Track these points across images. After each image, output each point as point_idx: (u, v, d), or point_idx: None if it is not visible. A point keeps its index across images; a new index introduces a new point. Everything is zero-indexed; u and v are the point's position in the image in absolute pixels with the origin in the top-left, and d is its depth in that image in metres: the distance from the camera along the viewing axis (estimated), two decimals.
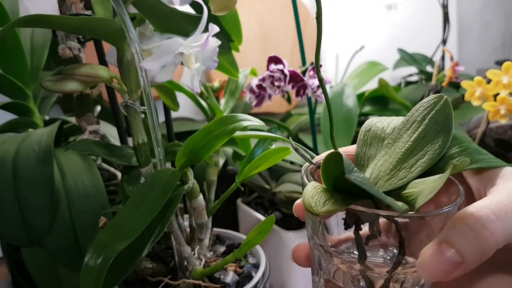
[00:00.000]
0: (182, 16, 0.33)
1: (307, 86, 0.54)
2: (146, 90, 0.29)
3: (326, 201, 0.19)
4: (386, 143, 0.25)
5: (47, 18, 0.25)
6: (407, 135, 0.24)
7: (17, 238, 0.38)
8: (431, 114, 0.24)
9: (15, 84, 0.47)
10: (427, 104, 0.24)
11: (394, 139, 0.24)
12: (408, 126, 0.24)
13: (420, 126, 0.24)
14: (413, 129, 0.24)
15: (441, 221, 0.20)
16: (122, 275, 0.28)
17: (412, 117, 0.24)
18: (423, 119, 0.24)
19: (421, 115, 0.24)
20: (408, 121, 0.24)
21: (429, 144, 0.23)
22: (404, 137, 0.24)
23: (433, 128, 0.23)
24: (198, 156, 0.31)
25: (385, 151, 0.24)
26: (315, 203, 0.19)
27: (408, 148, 0.23)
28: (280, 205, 0.54)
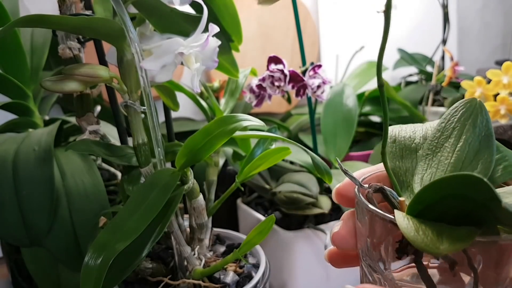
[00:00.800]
0: (182, 16, 0.33)
1: (307, 86, 0.54)
2: (146, 90, 0.29)
3: (439, 236, 0.17)
4: (422, 154, 0.23)
5: (47, 18, 0.25)
6: (451, 144, 0.22)
7: (17, 238, 0.38)
8: (470, 119, 0.22)
9: (15, 84, 0.47)
10: (462, 109, 0.23)
11: (433, 149, 0.23)
12: (448, 133, 0.23)
13: (462, 134, 0.22)
14: (455, 136, 0.22)
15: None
16: (122, 275, 0.28)
17: (449, 123, 0.23)
18: (463, 125, 0.22)
19: (459, 121, 0.23)
20: (446, 128, 0.23)
21: (477, 152, 0.22)
22: (448, 146, 0.22)
23: (476, 134, 0.22)
24: (198, 156, 0.31)
25: (426, 163, 0.22)
26: (429, 240, 0.16)
27: (457, 158, 0.22)
28: (280, 205, 0.54)
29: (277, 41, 0.93)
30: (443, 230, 0.17)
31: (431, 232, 0.17)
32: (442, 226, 0.18)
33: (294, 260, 0.52)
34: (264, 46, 0.91)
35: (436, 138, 0.23)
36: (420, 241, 0.16)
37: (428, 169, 0.22)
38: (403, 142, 0.24)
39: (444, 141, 0.23)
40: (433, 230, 0.17)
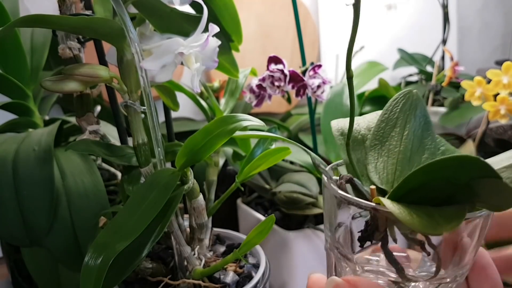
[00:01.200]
0: (182, 16, 0.33)
1: (307, 86, 0.54)
2: (146, 90, 0.29)
3: (431, 217, 0.18)
4: (370, 145, 0.24)
5: (47, 18, 0.25)
6: (397, 133, 0.24)
7: (17, 238, 0.38)
8: (411, 110, 0.24)
9: (15, 84, 0.47)
10: (403, 100, 0.24)
11: (380, 139, 0.24)
12: (393, 123, 0.24)
13: (406, 123, 0.24)
14: (400, 126, 0.24)
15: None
16: (122, 275, 0.28)
17: (392, 114, 0.24)
18: (405, 115, 0.24)
19: (402, 111, 0.24)
20: (390, 118, 0.24)
21: (421, 139, 0.23)
22: (394, 136, 0.24)
23: (418, 123, 0.24)
24: (198, 156, 0.31)
25: (375, 152, 0.24)
26: (426, 222, 0.17)
27: (405, 146, 0.23)
28: (280, 205, 0.54)
29: (277, 41, 0.93)
30: (431, 211, 0.18)
31: (423, 215, 0.18)
32: (427, 208, 0.18)
33: (294, 260, 0.52)
34: (264, 46, 0.91)
35: (382, 128, 0.24)
36: (417, 224, 0.17)
37: (380, 158, 0.23)
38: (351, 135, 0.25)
39: (390, 131, 0.24)
40: (423, 213, 0.18)
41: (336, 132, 0.25)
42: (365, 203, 0.20)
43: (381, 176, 0.23)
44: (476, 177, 0.17)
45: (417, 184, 0.19)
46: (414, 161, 0.23)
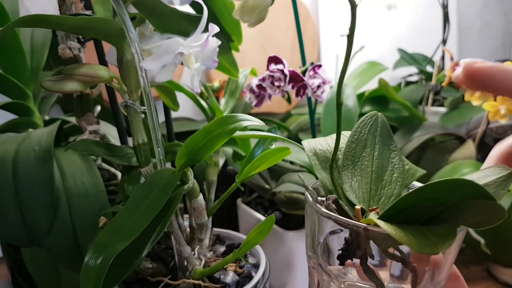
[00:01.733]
0: (182, 16, 0.33)
1: (307, 86, 0.54)
2: (146, 90, 0.29)
3: (425, 237, 0.18)
4: (343, 164, 0.25)
5: (47, 18, 0.25)
6: (368, 153, 0.25)
7: (17, 238, 0.38)
8: (378, 131, 0.25)
9: (15, 84, 0.47)
10: (369, 122, 0.26)
11: (352, 159, 0.25)
12: (363, 144, 0.25)
13: (375, 144, 0.25)
14: (370, 146, 0.25)
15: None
16: (122, 275, 0.28)
17: (361, 135, 0.25)
18: (373, 136, 0.25)
19: (369, 133, 0.25)
20: (359, 139, 0.25)
21: (389, 158, 0.25)
22: (366, 156, 0.25)
23: (384, 144, 0.25)
24: (198, 156, 0.31)
25: (349, 172, 0.25)
26: (424, 242, 0.18)
27: (377, 166, 0.24)
28: (280, 205, 0.54)
29: (277, 41, 0.93)
30: (424, 231, 0.19)
31: (418, 235, 0.18)
32: (418, 228, 0.19)
33: (294, 260, 0.52)
34: (264, 46, 0.91)
35: (352, 149, 0.25)
36: (415, 244, 0.18)
37: (354, 177, 0.24)
38: (323, 155, 0.26)
39: (360, 151, 0.25)
40: (417, 233, 0.18)
41: (309, 152, 0.26)
42: (356, 224, 0.21)
43: (358, 195, 0.24)
44: (465, 198, 0.18)
45: (407, 205, 0.20)
46: (386, 180, 0.24)
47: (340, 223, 0.22)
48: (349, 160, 0.25)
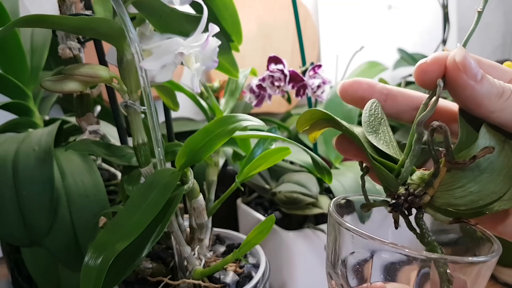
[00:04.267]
0: (182, 16, 0.33)
1: (307, 86, 0.54)
2: (146, 90, 0.29)
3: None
4: (367, 131, 0.25)
5: (47, 18, 0.25)
6: (385, 131, 0.25)
7: (17, 238, 0.38)
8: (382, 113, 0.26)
9: (15, 84, 0.47)
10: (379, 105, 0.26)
11: (374, 130, 0.25)
12: (378, 120, 0.25)
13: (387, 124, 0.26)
14: (385, 125, 0.25)
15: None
16: (122, 275, 0.28)
17: (376, 112, 0.26)
18: (384, 116, 0.26)
19: (381, 112, 0.26)
20: (375, 115, 0.26)
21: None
22: (385, 132, 0.25)
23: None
24: (198, 156, 0.31)
25: (374, 137, 0.25)
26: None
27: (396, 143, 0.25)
28: (280, 205, 0.54)
29: (277, 41, 0.93)
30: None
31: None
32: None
33: (294, 260, 0.52)
34: (264, 46, 0.91)
35: (372, 121, 0.25)
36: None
37: (380, 141, 0.24)
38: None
39: (378, 126, 0.25)
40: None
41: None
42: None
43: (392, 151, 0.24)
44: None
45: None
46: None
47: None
48: (371, 129, 0.25)
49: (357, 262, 0.23)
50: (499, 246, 0.21)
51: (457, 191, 0.20)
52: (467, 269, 0.20)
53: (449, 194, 0.21)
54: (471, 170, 0.20)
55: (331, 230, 0.24)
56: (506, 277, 0.61)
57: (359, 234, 0.21)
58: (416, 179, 0.22)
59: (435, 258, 0.19)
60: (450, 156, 0.20)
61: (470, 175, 0.20)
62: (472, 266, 0.19)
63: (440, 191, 0.21)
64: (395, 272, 0.21)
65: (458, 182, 0.20)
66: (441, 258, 0.19)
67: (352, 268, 0.23)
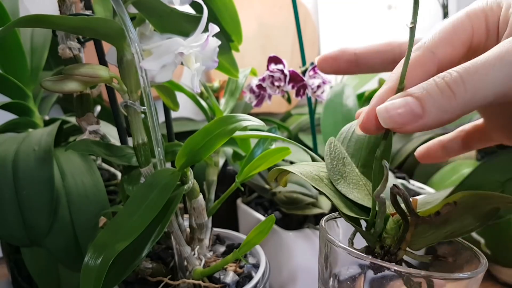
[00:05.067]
0: (182, 16, 0.33)
1: (307, 86, 0.54)
2: (146, 90, 0.29)
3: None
4: (333, 179, 0.25)
5: (47, 18, 0.25)
6: (351, 170, 0.26)
7: (17, 238, 0.38)
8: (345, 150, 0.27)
9: (15, 84, 0.47)
10: (337, 143, 0.27)
11: (341, 175, 0.25)
12: (341, 162, 0.26)
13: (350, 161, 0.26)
14: (349, 164, 0.26)
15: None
16: (122, 275, 0.28)
17: (337, 154, 0.26)
18: (343, 157, 0.26)
19: (340, 152, 0.26)
20: (337, 157, 0.26)
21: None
22: (351, 172, 0.26)
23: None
24: (198, 156, 0.31)
25: (345, 186, 0.25)
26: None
27: (365, 180, 0.26)
28: (280, 205, 0.54)
29: (277, 41, 0.93)
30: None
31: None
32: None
33: (294, 260, 0.52)
34: (264, 46, 0.91)
35: (335, 165, 0.26)
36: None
37: (353, 189, 0.25)
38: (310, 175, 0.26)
39: (343, 168, 0.26)
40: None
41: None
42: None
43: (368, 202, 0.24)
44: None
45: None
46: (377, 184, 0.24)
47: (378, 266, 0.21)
48: (338, 175, 0.25)
49: (349, 277, 0.24)
50: (485, 261, 0.22)
51: (432, 235, 0.22)
52: (455, 285, 0.21)
53: (425, 238, 0.22)
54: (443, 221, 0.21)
55: (322, 247, 0.24)
56: (506, 277, 0.61)
57: (349, 253, 0.22)
58: (390, 230, 0.23)
59: (424, 276, 0.20)
60: (414, 216, 0.21)
61: (442, 222, 0.21)
62: (460, 281, 0.20)
63: (415, 239, 0.22)
64: (386, 285, 0.22)
65: (431, 228, 0.21)
66: (429, 275, 0.20)
67: (344, 284, 0.24)
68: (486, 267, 0.21)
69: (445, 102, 0.19)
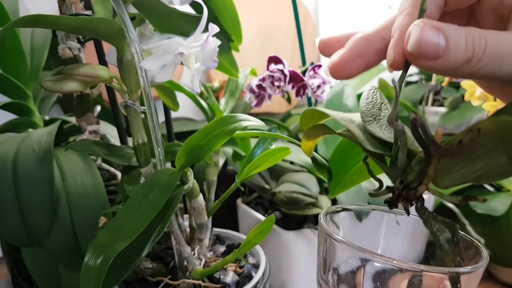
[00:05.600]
0: (182, 16, 0.33)
1: (307, 86, 0.54)
2: (146, 90, 0.29)
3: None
4: (365, 120, 0.24)
5: (47, 18, 0.25)
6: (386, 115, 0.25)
7: (17, 238, 0.38)
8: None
9: (15, 84, 0.47)
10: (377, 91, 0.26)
11: (374, 117, 0.24)
12: (378, 107, 0.25)
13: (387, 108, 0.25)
14: (385, 109, 0.25)
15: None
16: (122, 275, 0.28)
17: (374, 99, 0.25)
18: (381, 102, 0.25)
19: (380, 98, 0.26)
20: (374, 102, 0.25)
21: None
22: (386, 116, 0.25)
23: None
24: (198, 156, 0.31)
25: (377, 125, 0.24)
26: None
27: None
28: (280, 205, 0.54)
29: (277, 41, 0.93)
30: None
31: None
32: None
33: (294, 260, 0.52)
34: (264, 46, 0.91)
35: (370, 109, 0.25)
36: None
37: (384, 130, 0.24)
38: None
39: (378, 112, 0.25)
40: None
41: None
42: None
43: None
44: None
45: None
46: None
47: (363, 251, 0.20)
48: (371, 117, 0.24)
49: (349, 271, 0.23)
50: (487, 255, 0.21)
51: (460, 173, 0.20)
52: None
53: (452, 175, 0.20)
54: (468, 152, 0.19)
55: (321, 240, 0.24)
56: (506, 277, 0.61)
57: (348, 245, 0.21)
58: (415, 166, 0.21)
59: (424, 270, 0.19)
60: (435, 146, 0.19)
61: (470, 156, 0.19)
62: (461, 275, 0.20)
63: (440, 175, 0.20)
64: (387, 280, 0.21)
65: (458, 164, 0.19)
66: (429, 269, 0.19)
67: (344, 277, 0.23)
68: (488, 261, 0.20)
69: (465, 53, 0.19)
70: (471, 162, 0.19)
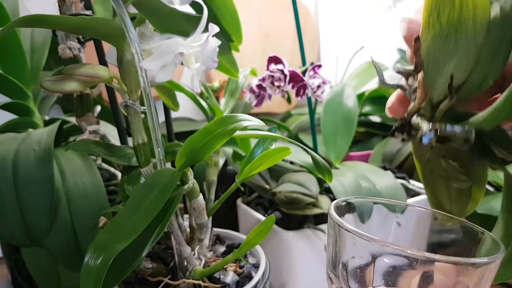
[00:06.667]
0: (182, 16, 0.33)
1: (307, 86, 0.54)
2: (146, 90, 0.29)
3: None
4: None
5: (47, 18, 0.25)
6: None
7: (17, 238, 0.38)
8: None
9: (15, 84, 0.47)
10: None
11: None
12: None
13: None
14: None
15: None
16: (122, 275, 0.28)
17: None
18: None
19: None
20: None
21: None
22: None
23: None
24: (198, 156, 0.31)
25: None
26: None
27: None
28: (280, 205, 0.54)
29: (277, 41, 0.93)
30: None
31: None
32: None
33: (294, 260, 0.52)
34: (264, 46, 0.91)
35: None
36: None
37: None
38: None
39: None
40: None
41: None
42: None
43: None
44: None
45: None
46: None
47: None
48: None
49: (359, 266, 0.22)
50: (503, 247, 0.20)
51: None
52: (470, 271, 0.19)
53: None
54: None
55: (331, 232, 0.23)
56: None
57: (359, 236, 0.20)
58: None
59: (437, 259, 0.18)
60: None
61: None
62: (475, 268, 0.19)
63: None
64: (397, 276, 0.21)
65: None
66: (443, 260, 0.18)
67: (353, 272, 0.23)
68: (504, 253, 0.19)
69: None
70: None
